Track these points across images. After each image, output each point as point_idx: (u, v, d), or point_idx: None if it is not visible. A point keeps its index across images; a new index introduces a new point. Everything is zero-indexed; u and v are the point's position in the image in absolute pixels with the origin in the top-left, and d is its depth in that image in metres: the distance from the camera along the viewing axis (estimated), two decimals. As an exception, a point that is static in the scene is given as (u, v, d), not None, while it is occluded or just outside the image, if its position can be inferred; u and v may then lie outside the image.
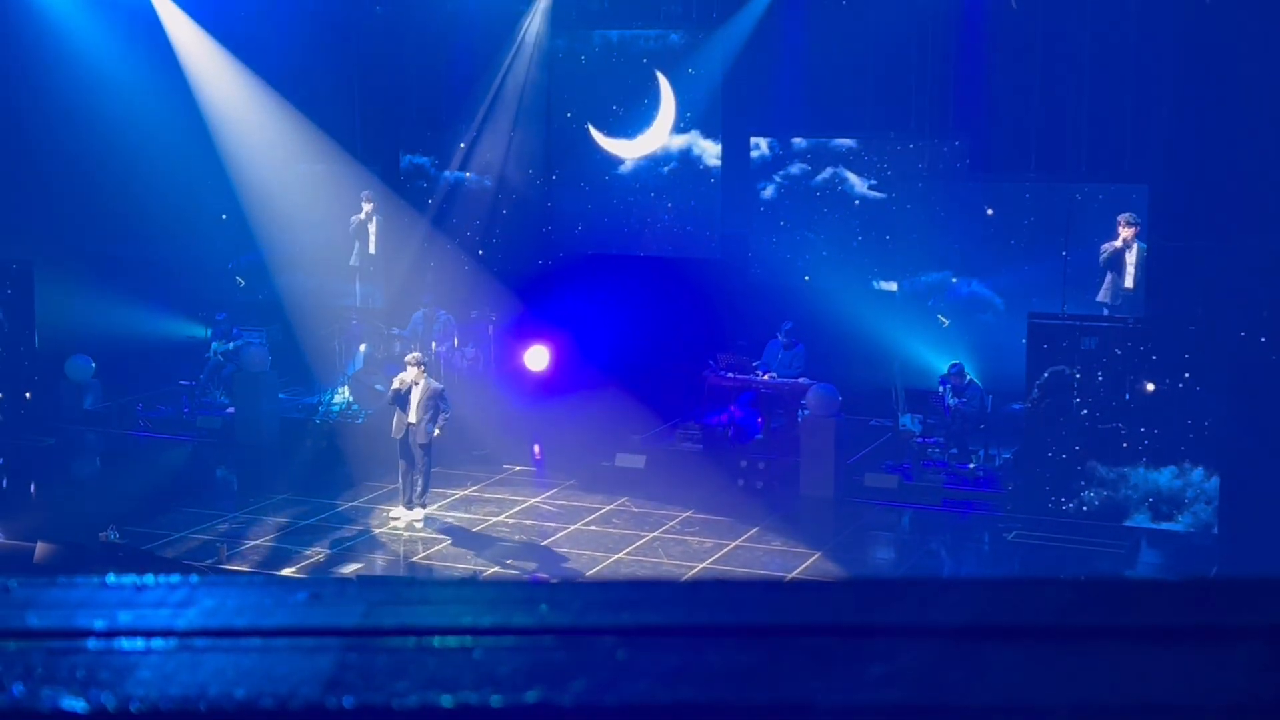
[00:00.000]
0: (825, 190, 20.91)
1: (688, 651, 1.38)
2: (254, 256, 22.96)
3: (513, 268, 22.25)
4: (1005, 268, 19.88)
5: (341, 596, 1.50)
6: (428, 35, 22.39)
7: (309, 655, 1.37)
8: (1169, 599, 1.53)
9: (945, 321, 19.55)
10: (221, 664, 1.36)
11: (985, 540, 16.70)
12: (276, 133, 22.28)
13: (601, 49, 21.86)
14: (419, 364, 16.54)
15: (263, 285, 22.98)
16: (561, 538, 16.32)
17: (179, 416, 21.10)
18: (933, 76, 20.18)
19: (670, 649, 1.38)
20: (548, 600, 1.45)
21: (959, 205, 20.28)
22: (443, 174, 22.90)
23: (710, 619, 1.44)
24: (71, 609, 1.47)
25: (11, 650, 1.39)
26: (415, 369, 16.44)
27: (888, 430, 19.11)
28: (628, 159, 21.90)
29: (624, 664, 1.35)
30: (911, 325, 20.14)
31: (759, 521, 16.78)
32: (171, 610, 1.46)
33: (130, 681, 1.32)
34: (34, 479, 19.36)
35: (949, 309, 20.21)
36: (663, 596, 1.49)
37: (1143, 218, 18.62)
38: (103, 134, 22.10)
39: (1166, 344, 16.61)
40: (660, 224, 21.86)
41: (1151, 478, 16.58)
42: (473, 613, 1.44)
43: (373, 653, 1.38)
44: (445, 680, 1.31)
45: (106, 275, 22.26)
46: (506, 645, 1.38)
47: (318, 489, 17.99)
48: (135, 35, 21.99)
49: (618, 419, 19.30)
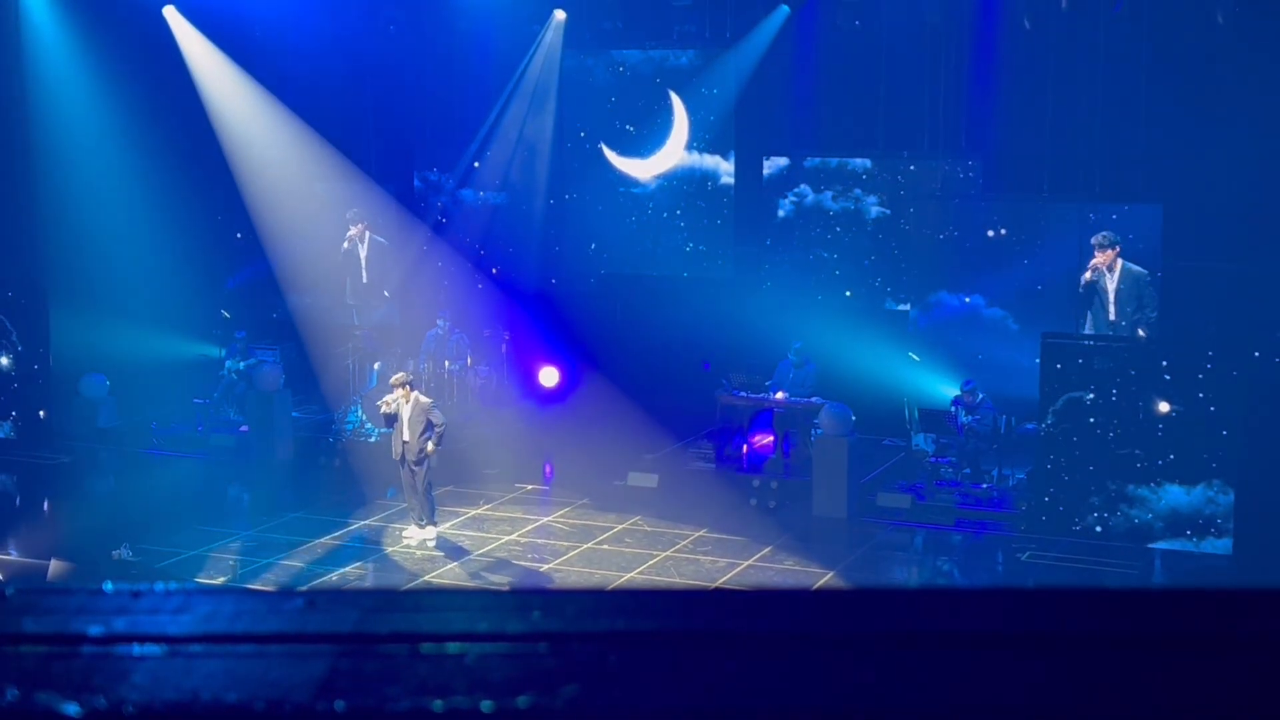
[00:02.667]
0: (838, 210, 20.92)
1: (678, 658, 1.38)
2: (252, 272, 22.92)
3: (526, 286, 22.28)
4: (1018, 288, 19.84)
5: (336, 603, 1.50)
6: (442, 54, 22.46)
7: (302, 660, 1.37)
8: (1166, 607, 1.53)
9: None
10: (215, 669, 1.36)
11: (999, 560, 16.65)
12: (290, 151, 22.35)
13: (615, 68, 21.91)
14: (405, 384, 16.57)
15: (263, 304, 23.00)
16: (574, 557, 16.30)
17: (193, 434, 21.14)
18: (946, 96, 20.19)
19: (661, 656, 1.39)
20: (540, 607, 1.46)
21: (972, 225, 20.26)
22: (456, 192, 22.95)
23: (701, 626, 1.44)
24: (67, 615, 1.47)
25: (7, 654, 1.40)
26: (401, 389, 16.50)
27: (901, 450, 19.08)
28: (641, 178, 21.93)
29: (615, 670, 1.35)
30: (925, 345, 20.13)
31: (772, 541, 16.75)
32: (166, 616, 1.46)
33: (124, 686, 1.33)
34: (48, 497, 19.40)
35: (960, 329, 20.17)
36: (654, 604, 1.49)
37: (1156, 238, 18.54)
38: (117, 153, 22.18)
39: (1181, 364, 16.56)
40: (673, 243, 21.88)
41: (1166, 498, 16.53)
42: (465, 619, 1.44)
43: (365, 658, 1.38)
44: (437, 685, 1.32)
45: (120, 293, 22.32)
46: (499, 651, 1.39)
47: (330, 507, 18.00)
48: (149, 55, 22.07)
49: (630, 438, 19.30)
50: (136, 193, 22.45)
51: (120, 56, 22.11)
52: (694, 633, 1.42)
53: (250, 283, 23.08)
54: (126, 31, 22.06)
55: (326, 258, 22.36)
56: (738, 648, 1.39)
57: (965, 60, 20.13)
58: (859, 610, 1.49)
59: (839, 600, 1.51)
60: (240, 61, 22.18)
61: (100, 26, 21.98)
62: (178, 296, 23.07)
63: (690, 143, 21.60)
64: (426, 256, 22.64)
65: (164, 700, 1.31)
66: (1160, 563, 16.36)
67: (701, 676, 1.35)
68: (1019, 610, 1.51)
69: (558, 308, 21.84)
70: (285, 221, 22.54)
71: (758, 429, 19.18)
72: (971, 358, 19.71)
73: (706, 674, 1.35)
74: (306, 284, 22.74)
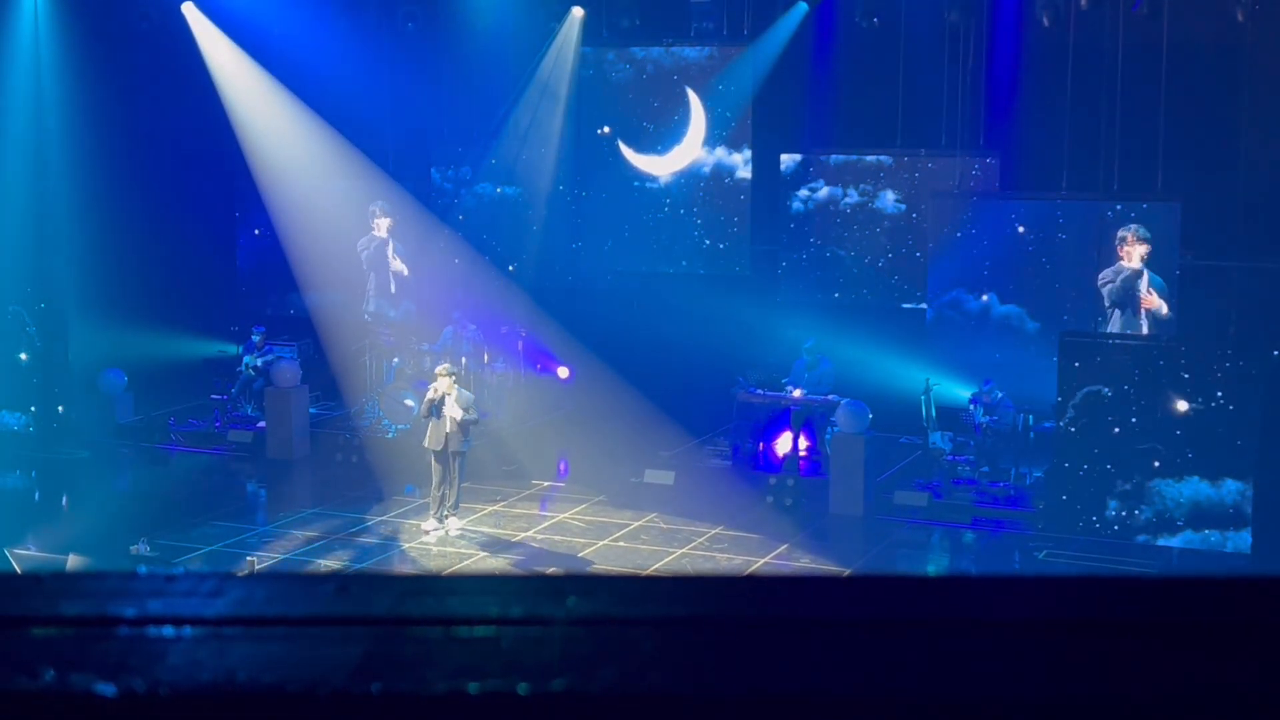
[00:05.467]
0: (855, 207, 20.90)
1: (714, 643, 1.38)
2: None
3: (542, 283, 22.28)
4: (1037, 286, 19.79)
5: (369, 588, 1.50)
6: (459, 51, 22.47)
7: (337, 644, 1.38)
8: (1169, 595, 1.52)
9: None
10: (250, 651, 1.37)
11: (1016, 559, 16.63)
12: (308, 147, 22.37)
13: (632, 65, 21.91)
14: (450, 374, 16.61)
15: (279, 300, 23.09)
16: (590, 553, 16.32)
17: (210, 430, 21.19)
18: (964, 93, 20.15)
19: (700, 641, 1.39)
20: (576, 591, 1.46)
21: (989, 223, 20.21)
22: (473, 189, 22.97)
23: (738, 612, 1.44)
24: (102, 598, 1.48)
25: (43, 637, 1.40)
26: (447, 379, 16.51)
27: (918, 448, 19.05)
28: (658, 175, 21.92)
29: (652, 654, 1.35)
30: (942, 342, 20.08)
31: (788, 538, 16.74)
32: (201, 600, 1.47)
33: (160, 667, 1.33)
34: (66, 492, 19.46)
35: (976, 327, 20.11)
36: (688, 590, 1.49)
37: (1175, 236, 18.48)
38: (136, 151, 22.24)
39: (1199, 362, 16.51)
40: (690, 240, 21.88)
41: (1184, 496, 16.48)
42: (500, 602, 1.44)
43: (400, 641, 1.38)
44: (473, 668, 1.32)
45: (138, 289, 22.38)
46: (534, 635, 1.39)
47: (348, 503, 18.04)
48: (168, 53, 22.11)
49: (647, 435, 19.31)
50: (155, 188, 22.51)
51: (139, 53, 22.17)
52: (729, 618, 1.42)
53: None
54: (145, 28, 22.10)
55: (344, 254, 22.38)
56: (772, 632, 1.39)
57: (983, 57, 20.10)
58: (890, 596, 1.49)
59: (874, 586, 1.51)
60: (259, 59, 22.21)
61: (118, 24, 22.04)
62: (196, 293, 23.13)
63: (707, 139, 21.59)
64: (444, 253, 22.65)
65: (199, 681, 1.31)
66: (1178, 560, 16.32)
67: (737, 661, 1.35)
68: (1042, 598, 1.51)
69: (574, 304, 21.84)
70: (303, 217, 22.57)
71: (777, 431, 19.16)
72: (989, 356, 19.66)
73: (742, 658, 1.35)
74: (324, 280, 22.78)
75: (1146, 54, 19.06)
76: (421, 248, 22.37)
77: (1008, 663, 1.36)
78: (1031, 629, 1.43)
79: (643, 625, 1.39)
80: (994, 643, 1.40)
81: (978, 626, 1.43)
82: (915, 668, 1.35)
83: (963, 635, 1.41)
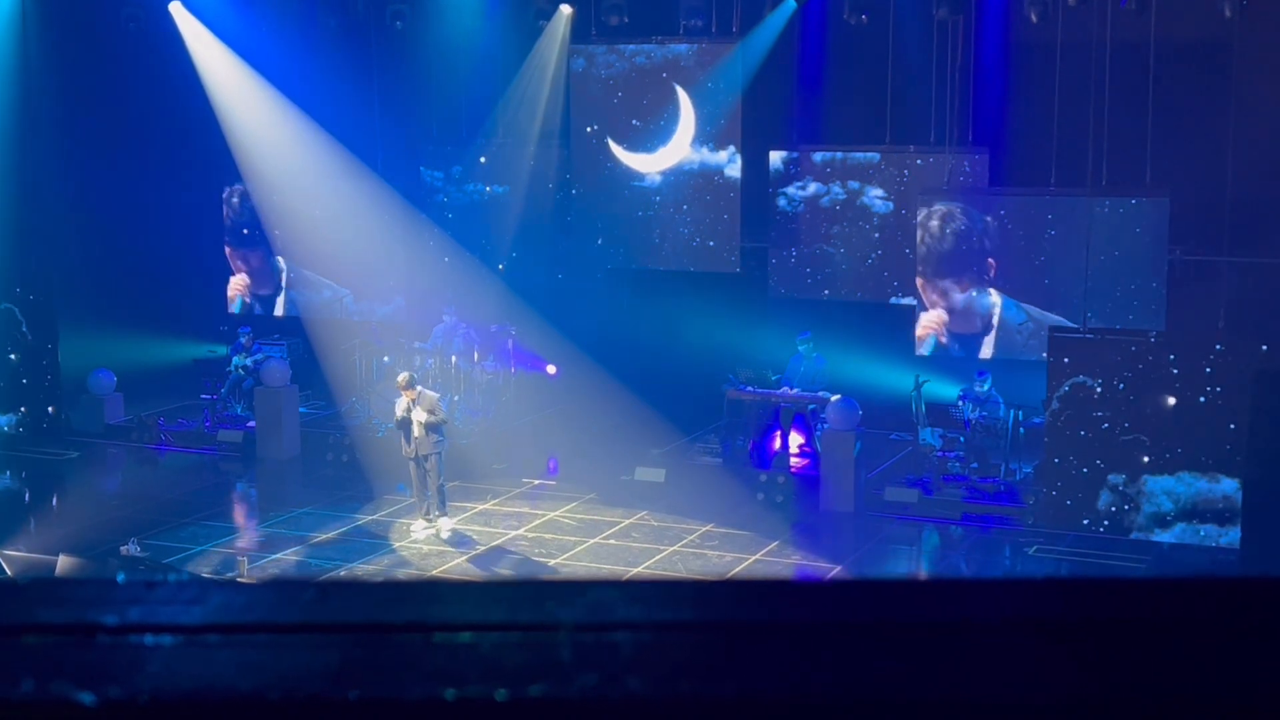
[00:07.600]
0: (844, 203, 20.90)
1: (694, 647, 1.38)
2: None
3: (532, 282, 22.27)
4: (1024, 282, 19.80)
5: (349, 594, 1.50)
6: (447, 50, 22.44)
7: (316, 650, 1.38)
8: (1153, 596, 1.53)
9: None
10: (229, 658, 1.37)
11: (1006, 555, 16.65)
12: (297, 148, 22.35)
13: (621, 63, 21.89)
14: (409, 385, 16.53)
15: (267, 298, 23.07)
16: (581, 551, 16.32)
17: (200, 430, 21.17)
18: (952, 90, 20.16)
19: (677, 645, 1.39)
20: (556, 597, 1.46)
21: (978, 219, 20.20)
22: (462, 188, 22.95)
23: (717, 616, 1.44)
24: (82, 605, 1.47)
25: (22, 645, 1.40)
26: (407, 391, 16.47)
27: (908, 444, 19.07)
28: (647, 173, 21.91)
29: (631, 660, 1.35)
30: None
31: (779, 536, 16.76)
32: (180, 607, 1.46)
33: (139, 675, 1.33)
34: (56, 493, 19.43)
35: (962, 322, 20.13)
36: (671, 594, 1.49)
37: (1164, 231, 18.53)
38: (124, 151, 22.21)
39: (1188, 357, 16.54)
40: (679, 238, 21.86)
41: (1174, 491, 16.52)
42: (479, 609, 1.44)
43: (379, 648, 1.38)
44: (451, 674, 1.32)
45: (128, 289, 22.36)
46: (513, 641, 1.39)
47: (338, 503, 18.03)
48: (156, 53, 22.07)
49: (637, 433, 19.31)
50: (143, 188, 22.48)
51: (126, 53, 22.13)
52: (711, 622, 1.42)
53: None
54: (132, 29, 22.06)
55: (336, 254, 22.35)
56: (755, 637, 1.40)
57: (971, 53, 20.10)
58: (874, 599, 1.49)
59: (855, 590, 1.51)
60: (247, 58, 22.19)
61: (106, 24, 22.00)
62: (185, 293, 23.10)
63: (696, 137, 21.57)
64: (433, 252, 22.63)
65: (179, 689, 1.31)
66: (1168, 556, 16.35)
67: (718, 665, 1.35)
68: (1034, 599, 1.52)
69: (563, 302, 21.83)
70: (292, 216, 22.55)
71: (769, 432, 19.17)
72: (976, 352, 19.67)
73: (723, 663, 1.35)
74: (314, 279, 22.76)
75: (1134, 50, 19.08)
76: (411, 246, 22.34)
77: (999, 665, 1.37)
78: (1021, 630, 1.44)
79: (622, 630, 1.39)
80: (984, 645, 1.40)
81: (967, 628, 1.43)
82: (902, 671, 1.35)
83: (953, 637, 1.41)
